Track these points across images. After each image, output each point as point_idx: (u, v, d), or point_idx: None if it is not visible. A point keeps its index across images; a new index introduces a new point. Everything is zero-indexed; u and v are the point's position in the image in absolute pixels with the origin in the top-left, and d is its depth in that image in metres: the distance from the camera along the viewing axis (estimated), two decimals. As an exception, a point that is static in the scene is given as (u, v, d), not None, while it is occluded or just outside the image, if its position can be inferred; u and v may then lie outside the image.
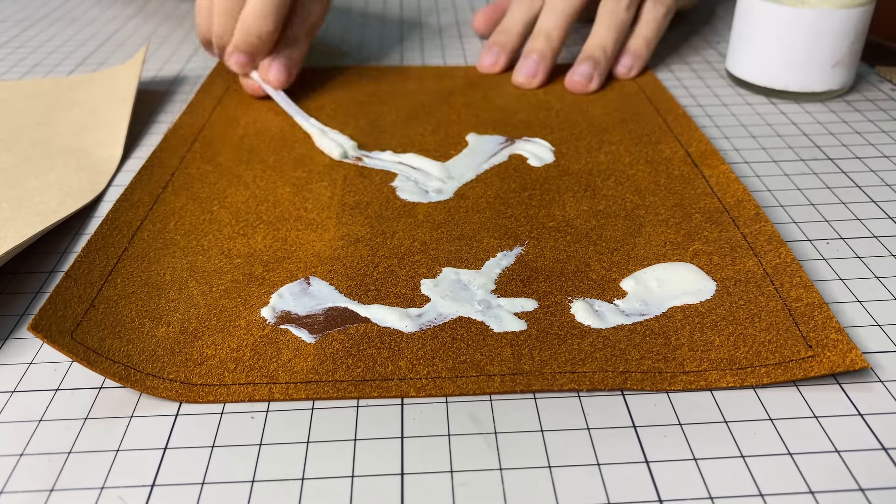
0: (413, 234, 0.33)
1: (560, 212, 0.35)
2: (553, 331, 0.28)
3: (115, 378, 0.25)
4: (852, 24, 0.43)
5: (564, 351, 0.27)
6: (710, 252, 0.32)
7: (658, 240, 0.33)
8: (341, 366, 0.26)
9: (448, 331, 0.28)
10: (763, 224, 0.32)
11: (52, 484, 0.23)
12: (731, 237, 0.32)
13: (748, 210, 0.33)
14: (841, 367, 0.25)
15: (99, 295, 0.29)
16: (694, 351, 0.26)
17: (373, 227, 0.34)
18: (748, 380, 0.25)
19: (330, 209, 0.35)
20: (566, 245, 0.32)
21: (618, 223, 0.34)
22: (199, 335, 0.27)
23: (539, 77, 0.48)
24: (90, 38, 0.59)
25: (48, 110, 0.45)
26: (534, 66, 0.48)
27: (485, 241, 0.33)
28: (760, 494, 0.22)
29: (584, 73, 0.47)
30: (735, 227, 0.33)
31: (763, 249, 0.31)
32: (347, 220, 0.34)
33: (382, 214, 0.35)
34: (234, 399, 0.25)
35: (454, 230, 0.34)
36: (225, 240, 0.33)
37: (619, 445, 0.23)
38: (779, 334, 0.27)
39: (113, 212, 0.34)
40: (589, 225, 0.34)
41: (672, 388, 0.25)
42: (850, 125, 0.43)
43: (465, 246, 0.32)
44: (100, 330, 0.27)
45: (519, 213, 0.35)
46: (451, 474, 0.23)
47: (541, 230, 0.33)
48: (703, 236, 0.33)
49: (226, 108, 0.45)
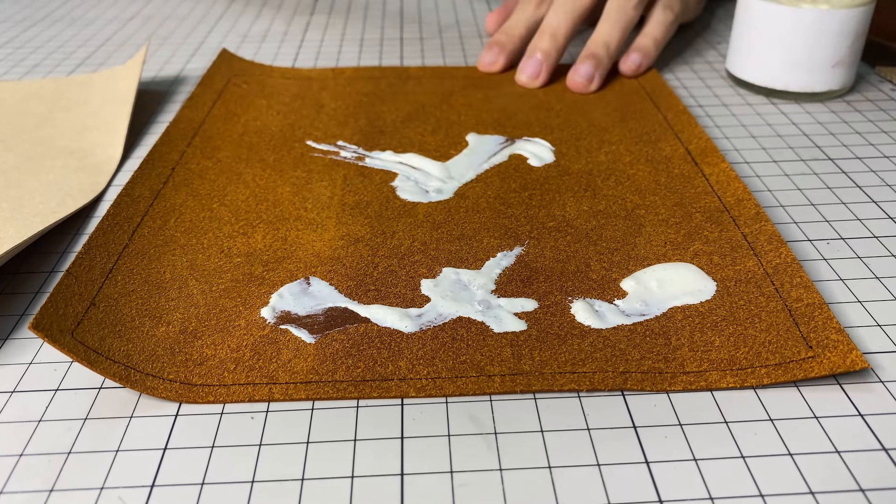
0: (413, 234, 0.33)
1: (560, 212, 0.35)
2: (553, 331, 0.27)
3: (115, 378, 0.25)
4: (852, 25, 0.43)
5: (564, 351, 0.27)
6: (711, 252, 0.31)
7: (658, 240, 0.33)
8: (341, 366, 0.26)
9: (448, 331, 0.28)
10: (763, 224, 0.32)
11: (51, 484, 0.23)
12: (731, 237, 0.32)
13: (748, 209, 0.33)
14: (841, 367, 0.25)
15: (100, 293, 0.29)
16: (694, 351, 0.26)
17: (373, 227, 0.34)
18: (748, 380, 0.25)
19: (330, 209, 0.35)
20: (566, 245, 0.32)
21: (618, 223, 0.34)
22: (199, 335, 0.27)
23: (542, 77, 0.48)
24: (90, 39, 0.59)
25: (48, 111, 0.45)
26: (537, 67, 0.48)
27: (485, 241, 0.33)
28: (761, 495, 0.22)
29: (586, 74, 0.47)
30: (735, 226, 0.33)
31: (763, 249, 0.31)
32: (347, 219, 0.34)
33: (382, 214, 0.35)
34: (234, 399, 0.25)
35: (454, 230, 0.34)
36: (225, 238, 0.33)
37: (619, 446, 0.23)
38: (779, 335, 0.27)
39: (114, 207, 0.34)
40: (589, 225, 0.34)
41: (672, 389, 0.25)
42: (850, 125, 0.43)
43: (465, 246, 0.32)
44: (100, 329, 0.27)
45: (519, 213, 0.35)
46: (451, 475, 0.23)
47: (541, 230, 0.33)
48: (704, 236, 0.33)
49: (226, 103, 0.45)
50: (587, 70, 0.47)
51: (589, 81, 0.47)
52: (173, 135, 0.41)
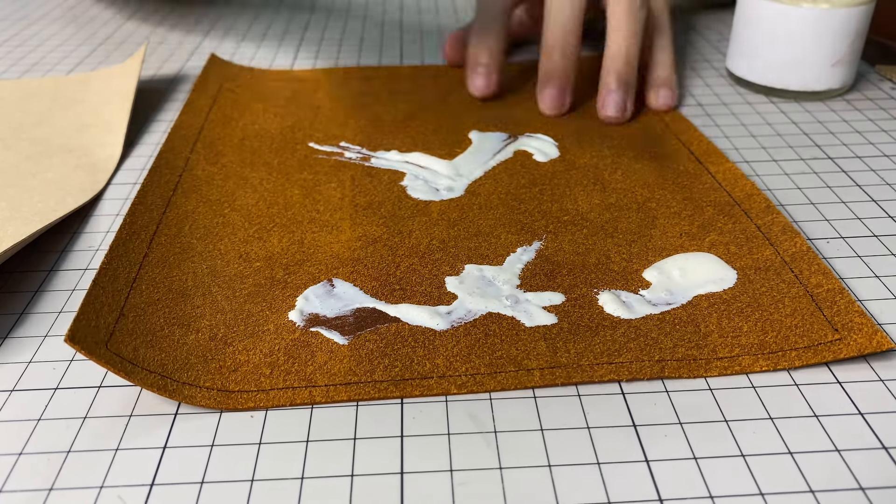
0: (430, 233, 0.33)
1: (573, 205, 0.35)
2: (584, 323, 0.28)
3: (153, 389, 0.25)
4: (852, 23, 0.43)
5: (599, 342, 0.27)
6: (727, 242, 0.32)
7: (673, 231, 0.33)
8: (378, 366, 0.26)
9: (480, 327, 0.28)
10: (775, 216, 0.33)
11: (51, 483, 0.22)
12: (745, 228, 0.33)
13: (759, 203, 0.34)
14: (868, 348, 0.26)
15: (127, 303, 0.29)
16: (724, 337, 0.27)
17: (388, 227, 0.34)
18: (780, 363, 0.26)
19: (342, 210, 0.35)
20: (584, 238, 0.33)
21: (631, 216, 0.34)
22: (229, 341, 0.27)
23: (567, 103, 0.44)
24: (89, 38, 0.59)
25: (47, 109, 0.45)
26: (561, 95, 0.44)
27: (502, 237, 0.33)
28: (761, 493, 0.22)
29: (618, 104, 0.42)
30: (748, 218, 0.33)
31: (778, 239, 0.32)
32: (361, 220, 0.34)
33: (396, 214, 0.35)
34: (275, 404, 0.25)
35: (470, 227, 0.34)
36: (241, 243, 0.33)
37: (619, 444, 0.23)
38: (804, 319, 0.27)
39: (130, 215, 0.34)
40: (603, 218, 0.34)
41: (708, 374, 0.26)
42: (850, 124, 0.43)
43: (484, 242, 0.33)
44: (132, 339, 0.27)
45: (532, 208, 0.35)
46: (450, 473, 0.23)
47: (556, 224, 0.34)
48: (718, 227, 0.33)
49: (222, 108, 0.45)
50: (619, 99, 0.43)
51: (623, 111, 0.43)
52: (176, 141, 0.41)
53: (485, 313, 0.28)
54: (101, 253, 0.33)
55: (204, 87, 0.48)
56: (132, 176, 0.39)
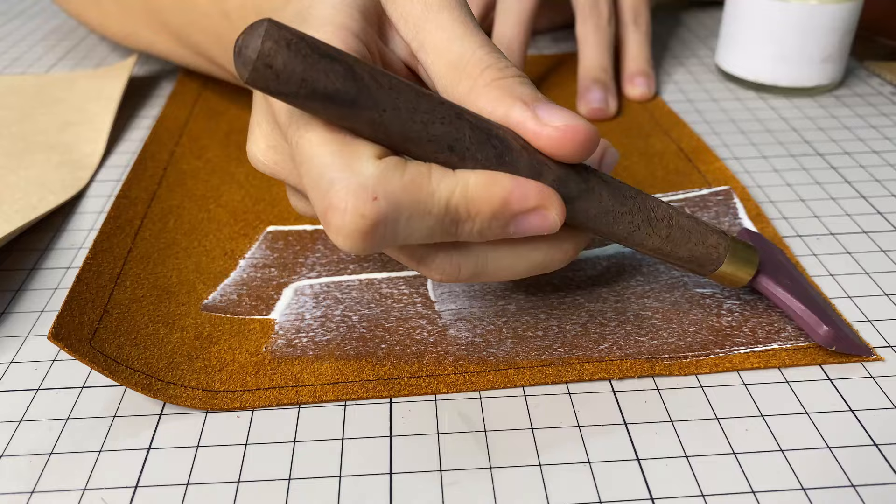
0: None
1: None
2: (573, 321, 0.28)
3: (137, 388, 0.24)
4: (841, 19, 0.43)
5: (589, 341, 0.27)
6: None
7: None
8: (366, 365, 0.26)
9: (468, 326, 0.27)
10: (763, 225, 0.33)
11: (33, 485, 0.22)
12: None
13: (749, 210, 0.34)
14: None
15: (111, 299, 0.28)
16: (715, 335, 0.27)
17: None
18: (771, 362, 0.26)
19: None
20: None
21: None
22: (215, 340, 0.27)
23: None
24: (71, 32, 0.58)
25: (30, 106, 0.44)
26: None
27: None
28: (752, 491, 0.22)
29: (599, 99, 0.43)
30: None
31: None
32: None
33: None
34: (262, 404, 0.25)
35: None
36: (227, 240, 0.32)
37: (610, 443, 0.23)
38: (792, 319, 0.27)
39: (114, 209, 0.33)
40: None
41: (699, 372, 0.26)
42: (839, 120, 0.43)
43: None
44: (116, 337, 0.26)
45: None
46: (440, 473, 0.22)
47: None
48: None
49: (208, 101, 0.45)
50: (598, 95, 0.43)
51: (605, 105, 0.43)
52: (161, 133, 0.40)
53: (472, 312, 0.28)
54: (83, 251, 0.33)
55: (188, 80, 0.47)
56: (115, 173, 0.39)
